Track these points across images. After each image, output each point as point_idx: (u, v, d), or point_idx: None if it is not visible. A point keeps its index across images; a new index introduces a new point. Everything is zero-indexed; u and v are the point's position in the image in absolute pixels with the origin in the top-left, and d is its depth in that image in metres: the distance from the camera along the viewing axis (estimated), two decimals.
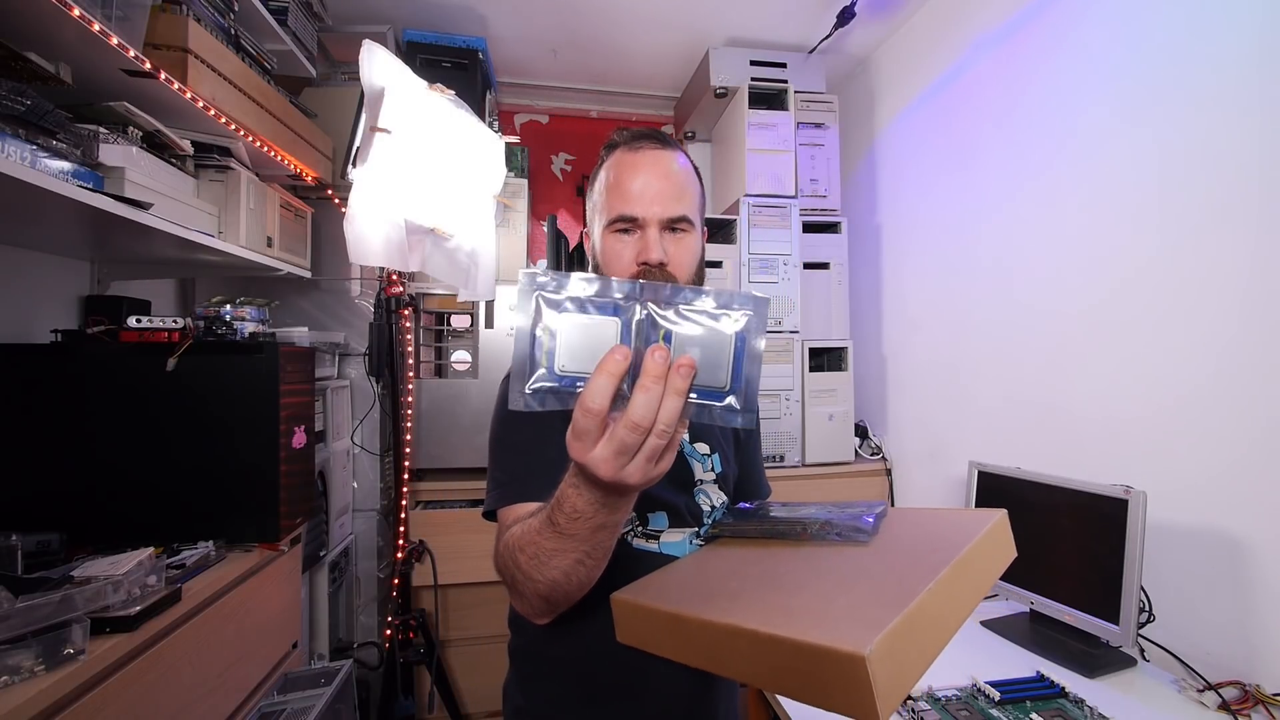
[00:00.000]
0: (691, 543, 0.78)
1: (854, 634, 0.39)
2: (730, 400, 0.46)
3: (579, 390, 0.44)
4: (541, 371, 0.45)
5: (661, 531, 0.78)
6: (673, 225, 0.76)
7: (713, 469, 0.85)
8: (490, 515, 0.76)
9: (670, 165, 0.78)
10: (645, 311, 0.46)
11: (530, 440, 0.73)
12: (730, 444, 0.90)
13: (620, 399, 0.44)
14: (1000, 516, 0.59)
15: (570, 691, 0.79)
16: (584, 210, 0.91)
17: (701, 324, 0.46)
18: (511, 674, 0.87)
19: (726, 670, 0.48)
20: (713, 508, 0.82)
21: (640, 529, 0.78)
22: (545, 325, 0.45)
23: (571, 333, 0.45)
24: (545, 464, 0.58)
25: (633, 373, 0.44)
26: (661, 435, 0.44)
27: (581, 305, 0.45)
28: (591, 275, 0.46)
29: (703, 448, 0.85)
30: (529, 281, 0.45)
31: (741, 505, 0.80)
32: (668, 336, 0.45)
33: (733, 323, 0.46)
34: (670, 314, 0.46)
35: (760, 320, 0.46)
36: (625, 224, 0.76)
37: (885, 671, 0.38)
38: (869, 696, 0.37)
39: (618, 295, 0.46)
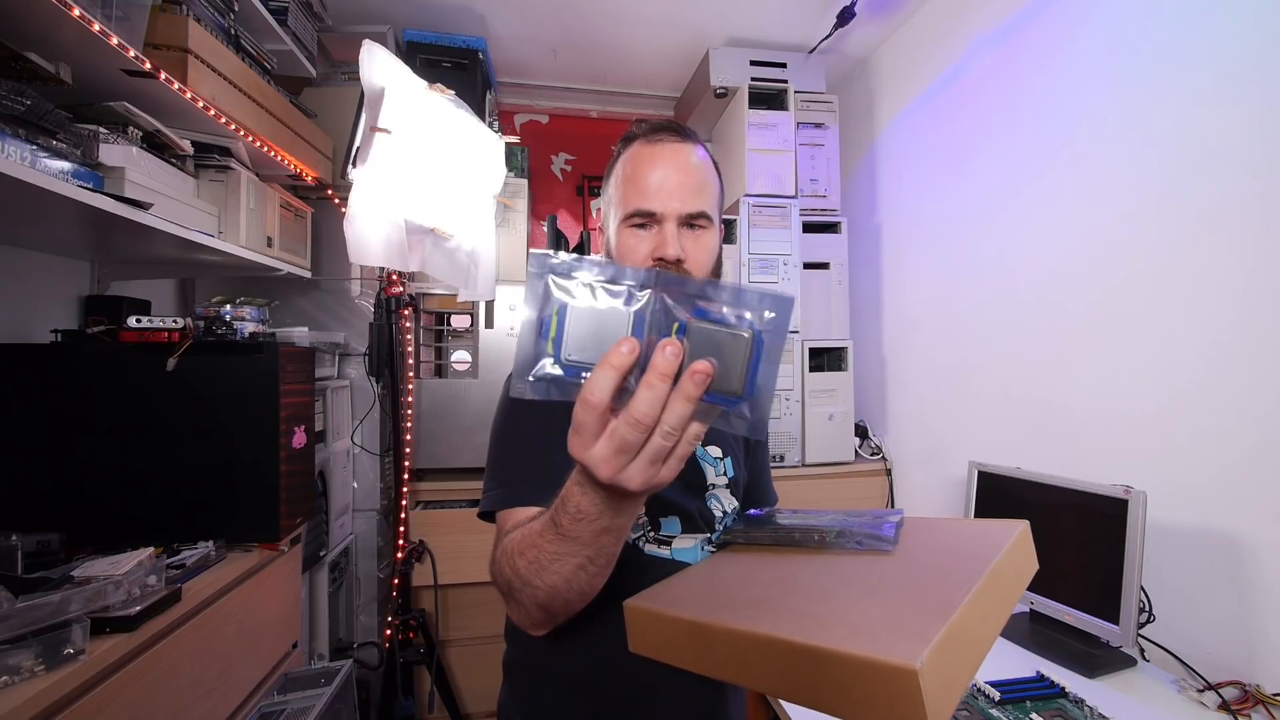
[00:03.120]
0: (703, 549, 0.76)
1: (900, 645, 0.37)
2: (742, 408, 0.42)
3: (583, 382, 0.41)
4: (547, 359, 0.42)
5: (674, 537, 0.75)
6: (691, 221, 0.73)
7: (725, 473, 0.82)
8: (487, 516, 0.72)
9: (690, 158, 0.74)
10: (659, 302, 0.42)
11: (535, 440, 0.69)
12: (741, 448, 0.87)
13: (626, 394, 0.41)
14: (1023, 528, 0.56)
15: (574, 708, 0.74)
16: (583, 208, 0.89)
17: (718, 320, 0.42)
18: (506, 689, 0.82)
19: (753, 683, 0.45)
20: (724, 513, 0.80)
21: (652, 534, 0.75)
22: (554, 310, 0.42)
23: (580, 320, 0.42)
24: (550, 467, 0.54)
25: (643, 366, 0.40)
26: (667, 437, 0.41)
27: (593, 291, 0.42)
28: (605, 260, 0.42)
29: (715, 451, 0.82)
30: (540, 264, 0.42)
31: (752, 512, 0.77)
32: (681, 330, 0.41)
33: (753, 322, 0.42)
34: (684, 307, 0.42)
35: (783, 323, 0.42)
36: (642, 219, 0.73)
37: (935, 685, 0.35)
38: (920, 712, 0.34)
39: (631, 282, 0.42)
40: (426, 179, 1.47)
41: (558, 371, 0.42)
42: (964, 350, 1.70)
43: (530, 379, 0.42)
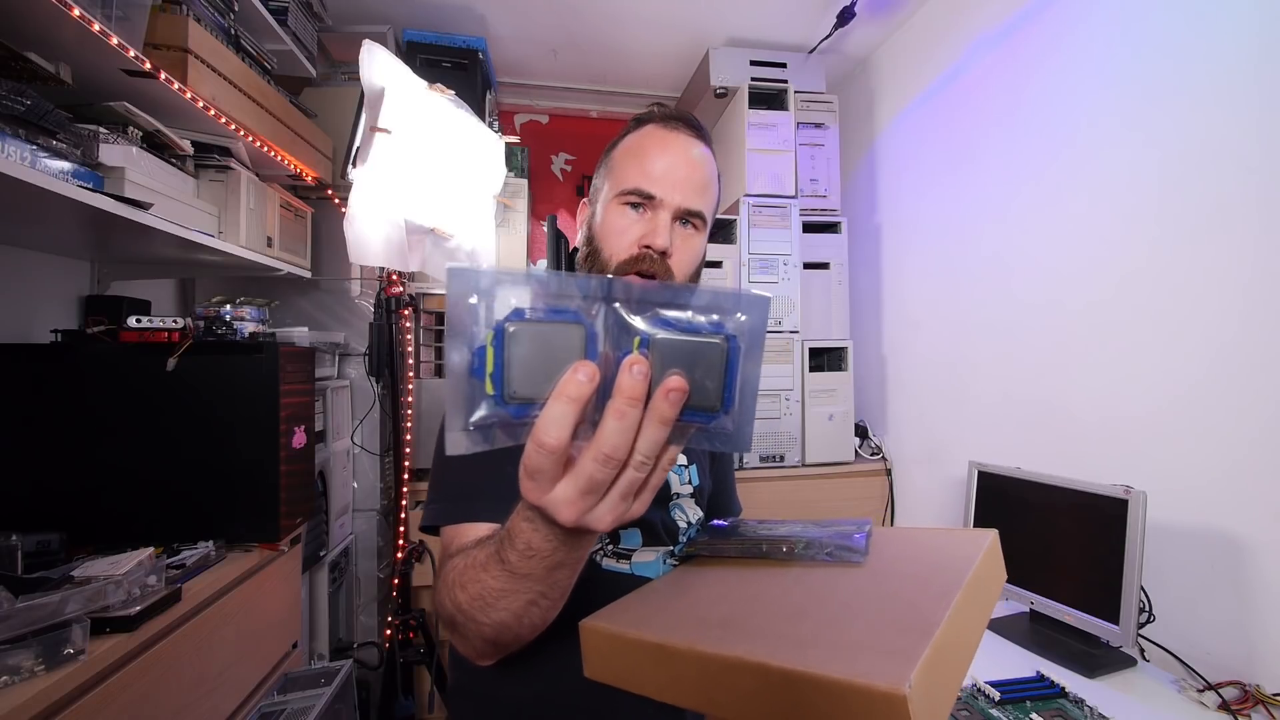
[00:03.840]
0: (665, 563, 0.72)
1: (886, 667, 0.34)
2: (722, 421, 0.37)
3: (534, 419, 0.35)
4: (486, 400, 0.35)
5: (634, 550, 0.71)
6: (687, 217, 0.72)
7: (690, 482, 0.79)
8: (432, 531, 0.66)
9: (700, 156, 0.73)
10: (614, 315, 0.36)
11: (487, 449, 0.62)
12: (706, 455, 0.84)
13: (586, 425, 0.35)
14: (993, 537, 0.55)
15: None
16: (575, 213, 0.86)
17: (685, 328, 0.36)
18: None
19: (724, 711, 0.41)
20: (689, 524, 0.76)
21: (610, 547, 0.71)
22: (488, 339, 0.34)
23: (522, 347, 0.34)
24: (501, 479, 0.46)
25: (603, 390, 0.35)
26: (640, 468, 0.36)
27: (533, 310, 0.35)
28: (543, 272, 0.36)
29: (680, 458, 0.79)
30: (462, 281, 0.35)
31: (716, 523, 0.73)
32: (644, 343, 0.36)
33: (726, 327, 0.37)
34: (643, 318, 0.36)
35: (759, 325, 0.37)
36: (639, 199, 0.70)
37: (924, 708, 0.33)
38: None
39: (579, 294, 0.36)
40: (426, 179, 1.47)
41: (502, 413, 0.35)
42: (964, 350, 1.70)
43: (469, 428, 0.35)
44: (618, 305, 0.36)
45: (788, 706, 0.37)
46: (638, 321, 0.36)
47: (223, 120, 1.15)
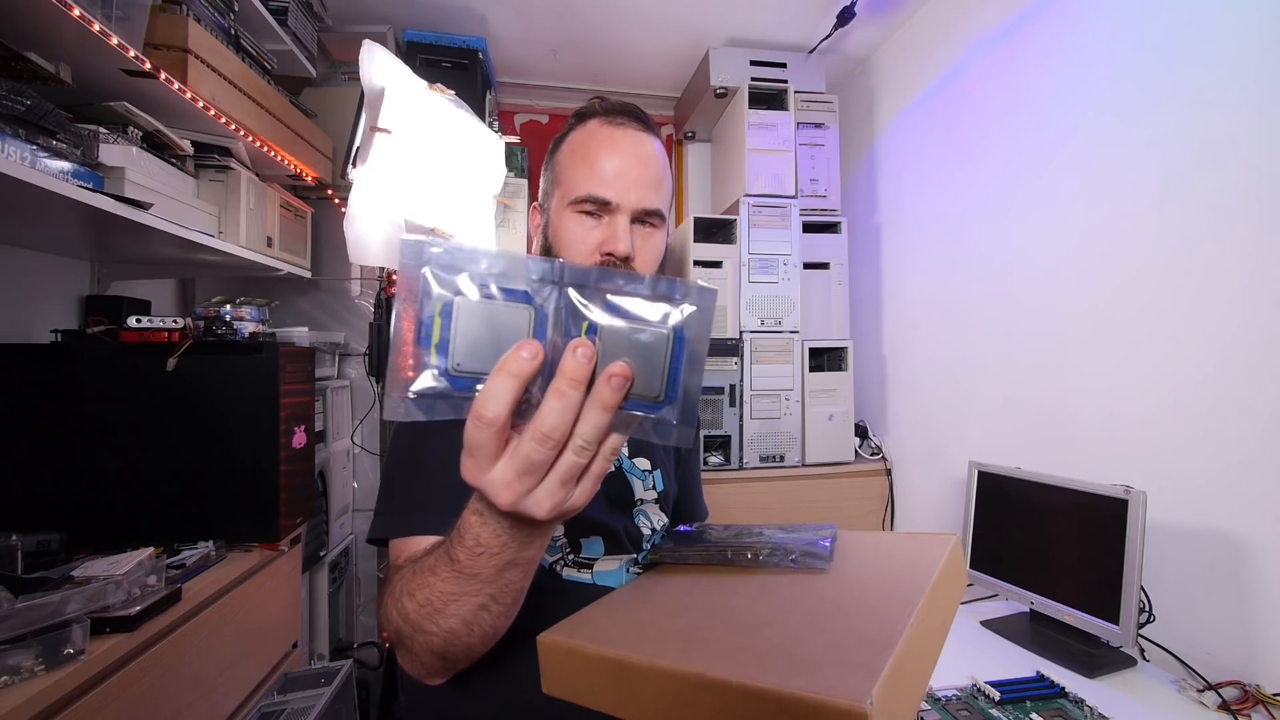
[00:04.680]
0: (628, 571, 0.70)
1: (846, 682, 0.34)
2: (665, 413, 0.37)
3: (477, 395, 0.35)
4: (430, 370, 0.35)
5: (596, 559, 0.70)
6: (645, 217, 0.70)
7: (654, 487, 0.77)
8: (379, 542, 0.64)
9: (651, 151, 0.71)
10: (565, 299, 0.37)
11: (438, 456, 0.56)
12: (671, 459, 0.83)
13: (529, 407, 0.35)
14: (955, 542, 0.55)
15: None
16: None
17: (633, 317, 0.37)
18: None
19: None
20: (653, 531, 0.74)
21: (571, 557, 0.69)
22: (436, 310, 0.35)
23: (470, 321, 0.35)
24: (454, 489, 0.44)
25: (548, 373, 0.35)
26: (581, 453, 0.36)
27: (484, 287, 0.36)
28: (497, 251, 0.36)
29: (643, 463, 0.77)
30: (415, 253, 0.35)
31: (681, 528, 0.72)
32: (592, 330, 0.36)
33: (671, 318, 0.37)
34: (593, 304, 0.37)
35: (705, 316, 0.37)
36: (593, 205, 0.68)
37: None
38: None
39: (532, 276, 0.36)
40: (426, 179, 1.47)
41: (444, 384, 0.35)
42: (964, 350, 1.70)
43: (411, 395, 0.35)
44: (570, 290, 0.37)
45: None
46: (588, 308, 0.37)
47: (223, 120, 1.15)
